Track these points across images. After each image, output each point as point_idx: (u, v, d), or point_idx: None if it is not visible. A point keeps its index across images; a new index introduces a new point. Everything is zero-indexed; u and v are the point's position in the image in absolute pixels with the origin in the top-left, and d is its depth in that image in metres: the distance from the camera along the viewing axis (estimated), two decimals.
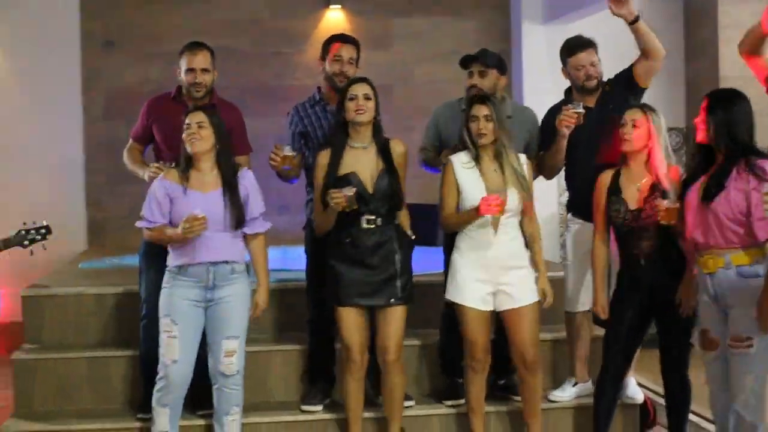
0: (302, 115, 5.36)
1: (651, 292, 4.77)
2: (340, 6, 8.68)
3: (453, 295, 4.90)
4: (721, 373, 4.40)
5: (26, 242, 4.95)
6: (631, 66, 5.28)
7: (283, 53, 8.65)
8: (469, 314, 4.86)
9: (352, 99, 4.78)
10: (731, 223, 4.25)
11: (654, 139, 4.76)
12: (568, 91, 5.42)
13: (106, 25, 8.46)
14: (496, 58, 5.31)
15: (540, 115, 5.39)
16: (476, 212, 4.67)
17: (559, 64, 5.42)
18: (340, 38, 5.38)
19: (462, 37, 8.70)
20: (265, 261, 4.80)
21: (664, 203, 4.53)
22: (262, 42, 8.65)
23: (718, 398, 4.47)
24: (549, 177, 5.49)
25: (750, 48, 4.56)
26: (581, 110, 4.99)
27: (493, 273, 4.83)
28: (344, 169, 4.78)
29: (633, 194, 4.77)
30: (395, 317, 4.83)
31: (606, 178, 4.86)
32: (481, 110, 4.81)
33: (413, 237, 4.95)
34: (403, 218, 4.93)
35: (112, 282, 5.96)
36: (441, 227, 5.08)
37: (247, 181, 4.76)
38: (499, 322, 4.99)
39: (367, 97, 4.78)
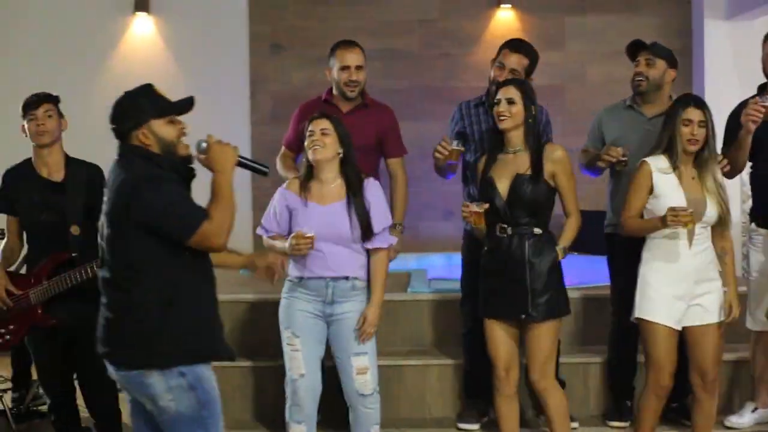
0: (464, 114, 5.18)
1: None
2: (510, 5, 8.43)
3: (644, 311, 4.54)
4: None
5: None
6: None
7: (451, 54, 8.46)
8: (661, 333, 4.50)
9: (496, 104, 4.56)
10: None
11: None
12: (763, 87, 5.05)
13: (273, 28, 8.46)
14: (666, 50, 5.08)
15: (724, 117, 5.03)
16: (662, 222, 4.35)
17: (743, 62, 5.06)
18: (510, 45, 5.10)
19: (638, 34, 8.16)
20: (382, 277, 4.52)
21: None
22: (430, 43, 8.49)
23: None
24: (730, 177, 5.06)
25: None
26: None
27: (687, 287, 4.50)
28: (492, 172, 4.57)
29: None
30: (538, 333, 4.52)
31: None
32: (697, 114, 4.48)
33: (563, 249, 4.60)
34: (566, 229, 4.63)
35: (267, 289, 5.88)
36: (620, 229, 4.73)
37: (371, 192, 4.49)
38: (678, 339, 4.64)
39: (510, 102, 4.52)
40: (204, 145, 3.50)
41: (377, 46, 5.20)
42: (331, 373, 4.62)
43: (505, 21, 8.38)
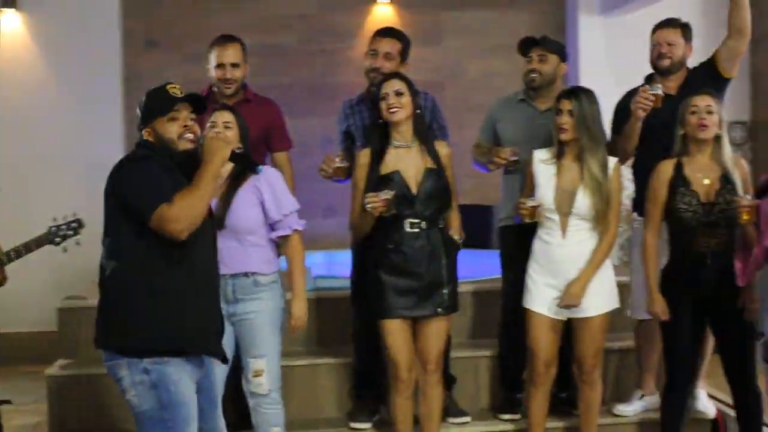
0: (347, 113, 5.13)
1: (712, 293, 4.45)
2: (388, 1, 8.43)
3: (525, 300, 4.66)
4: None
5: (58, 239, 4.69)
6: (714, 53, 5.00)
7: (330, 50, 8.42)
8: (537, 321, 4.61)
9: (383, 98, 4.50)
10: None
11: (723, 129, 4.47)
12: (649, 76, 5.12)
13: (148, 24, 8.27)
14: (558, 44, 5.13)
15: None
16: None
17: (616, 56, 5.16)
18: (379, 32, 5.11)
19: (515, 30, 8.32)
20: (299, 267, 4.42)
21: (745, 200, 4.20)
22: (310, 38, 8.42)
23: None
24: (620, 162, 5.14)
25: None
26: (660, 92, 4.71)
27: (563, 277, 4.57)
28: (386, 168, 4.50)
29: (703, 187, 4.45)
30: (439, 327, 4.56)
31: (667, 168, 4.54)
32: (565, 105, 4.56)
33: (461, 241, 4.66)
34: (453, 220, 4.66)
35: None
36: (516, 216, 4.79)
37: (265, 179, 4.33)
38: (567, 330, 4.69)
39: (398, 93, 4.49)
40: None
41: (256, 41, 5.13)
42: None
43: (383, 16, 8.37)
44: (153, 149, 3.58)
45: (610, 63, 7.78)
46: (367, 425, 5.05)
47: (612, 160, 4.65)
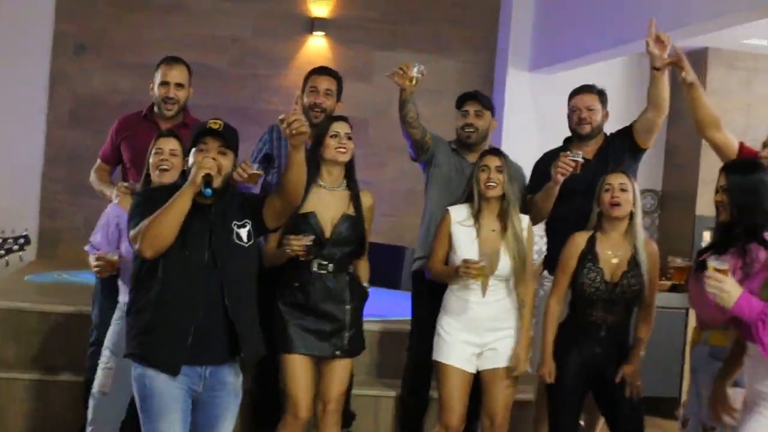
0: (274, 137, 5.16)
1: (598, 364, 4.58)
2: (323, 33, 8.49)
3: (438, 353, 4.66)
4: None
5: (2, 252, 4.63)
6: (632, 124, 5.12)
7: (261, 75, 8.44)
8: (451, 374, 4.62)
9: (334, 136, 4.55)
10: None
11: (637, 206, 4.59)
12: (568, 139, 5.24)
13: (80, 28, 8.19)
14: (490, 100, 5.22)
15: (523, 164, 5.21)
16: (456, 272, 4.50)
17: (542, 113, 5.27)
18: (317, 70, 5.19)
19: (443, 75, 8.52)
20: None
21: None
22: (241, 62, 8.43)
23: None
24: (534, 223, 5.26)
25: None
26: (580, 159, 4.81)
27: (479, 335, 4.63)
28: (305, 208, 4.52)
29: (610, 265, 4.58)
30: (340, 368, 4.56)
31: (581, 240, 4.64)
32: (493, 161, 4.62)
33: (367, 288, 4.70)
34: (362, 269, 4.70)
35: (59, 300, 5.66)
36: (428, 272, 4.83)
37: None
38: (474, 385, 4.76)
39: (348, 137, 4.56)
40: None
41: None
42: None
43: (317, 48, 8.44)
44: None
45: (534, 120, 7.95)
46: None
47: (525, 219, 4.74)
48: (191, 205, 3.70)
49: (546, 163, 5.02)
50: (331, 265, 4.52)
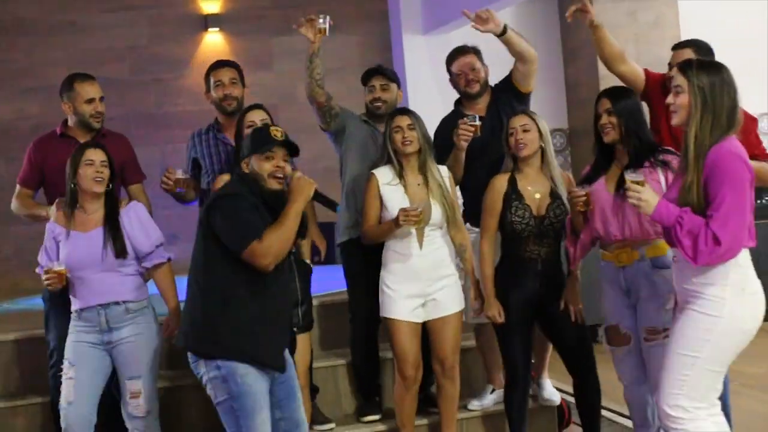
0: (195, 141, 5.30)
1: (539, 295, 4.79)
2: (218, 29, 8.60)
3: (385, 310, 4.86)
4: (635, 368, 4.46)
5: None
6: (510, 74, 5.32)
7: (163, 79, 8.52)
8: (401, 328, 4.82)
9: (249, 126, 4.75)
10: None
11: (545, 141, 4.81)
12: (458, 102, 5.43)
13: None
14: (395, 72, 5.37)
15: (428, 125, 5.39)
16: (395, 223, 4.67)
17: (442, 74, 5.44)
18: (216, 65, 5.34)
19: (344, 52, 8.70)
20: (171, 289, 4.61)
21: (578, 191, 4.42)
22: (141, 69, 8.50)
23: (634, 392, 4.52)
24: None
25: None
26: (478, 122, 5.00)
27: (422, 285, 4.83)
28: None
29: (534, 201, 4.80)
30: (303, 345, 4.76)
31: (501, 182, 4.85)
32: (404, 120, 4.82)
33: (313, 263, 4.89)
34: (304, 246, 4.87)
35: (8, 328, 5.69)
36: (362, 239, 4.99)
37: (134, 213, 4.55)
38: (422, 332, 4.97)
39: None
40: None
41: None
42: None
43: (214, 44, 8.54)
44: (246, 182, 4.01)
45: (435, 79, 8.13)
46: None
47: (443, 168, 4.94)
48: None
49: (443, 129, 5.20)
50: None
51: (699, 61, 3.88)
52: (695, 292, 3.77)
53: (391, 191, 4.84)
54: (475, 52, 5.34)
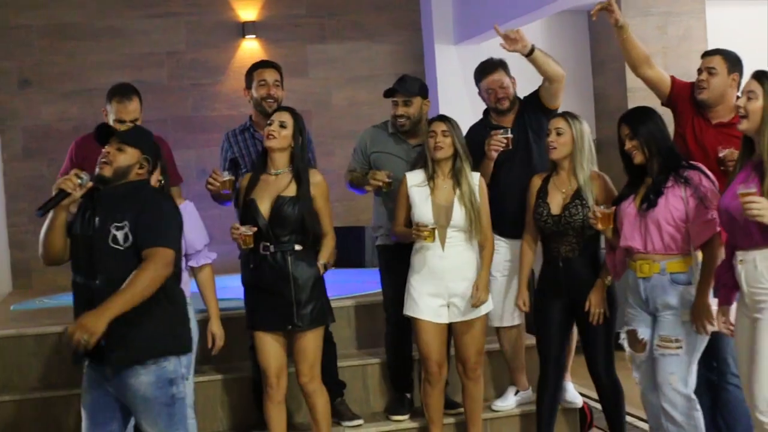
0: (231, 142, 5.44)
1: (569, 294, 4.94)
2: (254, 36, 8.77)
3: (408, 309, 5.05)
4: (649, 375, 4.60)
5: None
6: (537, 90, 5.41)
7: (201, 84, 8.70)
8: (424, 327, 5.01)
9: (268, 124, 4.87)
10: (671, 228, 4.46)
11: (577, 146, 4.94)
12: (487, 112, 5.55)
13: (20, 64, 8.40)
14: (417, 84, 5.38)
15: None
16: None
17: (473, 84, 5.54)
18: (261, 64, 5.48)
19: (376, 60, 8.90)
20: (212, 292, 4.80)
21: (600, 209, 4.64)
22: (179, 74, 8.68)
23: (649, 399, 4.66)
24: None
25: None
26: (510, 135, 5.15)
27: (443, 285, 4.99)
28: (250, 194, 4.85)
29: (557, 199, 4.96)
30: (305, 341, 4.85)
31: (537, 181, 5.07)
32: (440, 126, 4.98)
33: (327, 265, 4.95)
34: (323, 246, 4.95)
35: (48, 322, 5.89)
36: (393, 235, 5.21)
37: (189, 211, 4.68)
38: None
39: (282, 125, 4.84)
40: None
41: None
42: None
43: (251, 51, 8.70)
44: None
45: (467, 90, 8.24)
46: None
47: (476, 175, 5.09)
48: None
49: (471, 136, 5.28)
50: (272, 246, 4.81)
51: None
52: None
53: (418, 192, 5.03)
54: (502, 66, 5.43)
